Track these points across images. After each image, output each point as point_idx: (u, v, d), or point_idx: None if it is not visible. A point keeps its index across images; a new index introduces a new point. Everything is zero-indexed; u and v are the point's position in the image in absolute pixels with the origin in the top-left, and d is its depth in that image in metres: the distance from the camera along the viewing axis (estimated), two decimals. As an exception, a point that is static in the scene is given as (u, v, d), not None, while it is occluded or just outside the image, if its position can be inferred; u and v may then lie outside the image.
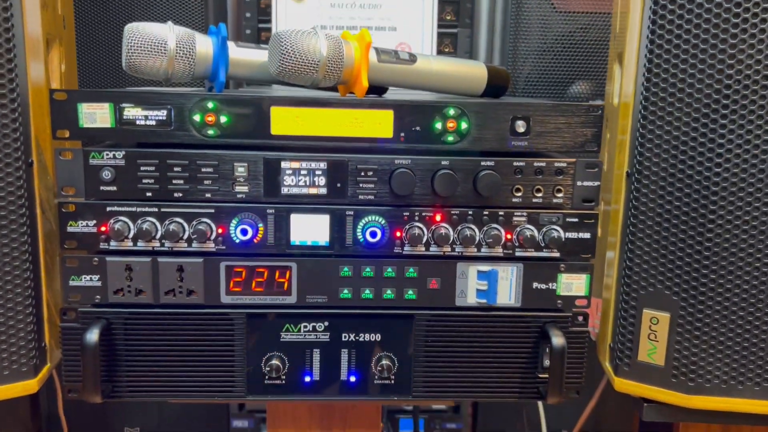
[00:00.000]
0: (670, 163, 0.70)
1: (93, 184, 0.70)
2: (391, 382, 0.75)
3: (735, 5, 0.65)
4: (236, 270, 0.72)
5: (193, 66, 0.70)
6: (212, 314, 0.73)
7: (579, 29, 1.24)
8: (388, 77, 0.75)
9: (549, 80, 1.25)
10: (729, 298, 0.70)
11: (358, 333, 0.74)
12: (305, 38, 0.68)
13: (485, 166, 0.72)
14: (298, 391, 0.75)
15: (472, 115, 0.71)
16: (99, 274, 0.71)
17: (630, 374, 0.75)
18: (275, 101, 0.70)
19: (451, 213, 0.73)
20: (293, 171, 0.71)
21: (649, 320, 0.73)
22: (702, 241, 0.69)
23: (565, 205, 0.73)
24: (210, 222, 0.71)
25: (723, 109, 0.67)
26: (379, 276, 0.73)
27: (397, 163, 0.71)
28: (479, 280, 0.74)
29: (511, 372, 0.76)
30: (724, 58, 0.66)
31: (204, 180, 0.70)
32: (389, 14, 1.33)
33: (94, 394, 0.70)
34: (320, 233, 0.72)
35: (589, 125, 0.72)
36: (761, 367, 0.72)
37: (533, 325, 0.75)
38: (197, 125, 0.69)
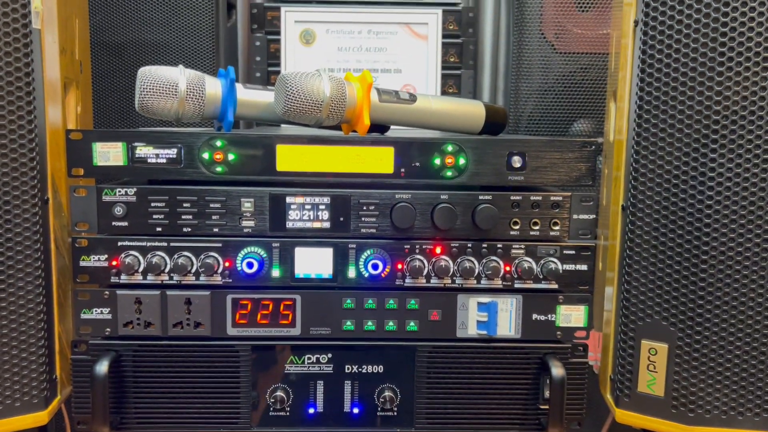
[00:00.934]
0: (664, 196, 0.72)
1: (105, 219, 0.73)
2: (394, 414, 0.76)
3: (720, 45, 0.68)
4: (242, 302, 0.74)
5: (203, 107, 0.74)
6: (219, 346, 0.74)
7: (579, 69, 1.27)
8: (389, 116, 0.78)
9: (551, 119, 1.28)
10: (726, 328, 0.71)
11: (361, 364, 0.76)
12: (309, 80, 0.72)
13: (483, 200, 0.74)
14: (302, 423, 0.76)
15: (469, 151, 0.74)
16: (109, 307, 0.73)
17: (630, 405, 0.76)
18: (281, 139, 0.73)
19: (450, 246, 0.75)
20: (298, 206, 0.73)
21: (648, 351, 0.74)
22: (697, 272, 0.71)
23: (562, 237, 0.75)
24: (217, 256, 0.73)
25: (712, 144, 0.69)
26: (381, 308, 0.75)
27: (397, 198, 0.74)
28: (479, 311, 0.76)
29: (512, 403, 0.76)
30: (711, 95, 0.69)
31: (212, 215, 0.73)
32: (394, 57, 1.38)
33: (102, 426, 0.71)
34: (324, 266, 0.74)
35: (583, 160, 0.75)
36: (760, 397, 0.72)
37: (533, 357, 0.76)
38: (206, 163, 0.73)
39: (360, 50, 1.38)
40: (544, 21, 1.28)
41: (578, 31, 1.27)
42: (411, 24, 1.36)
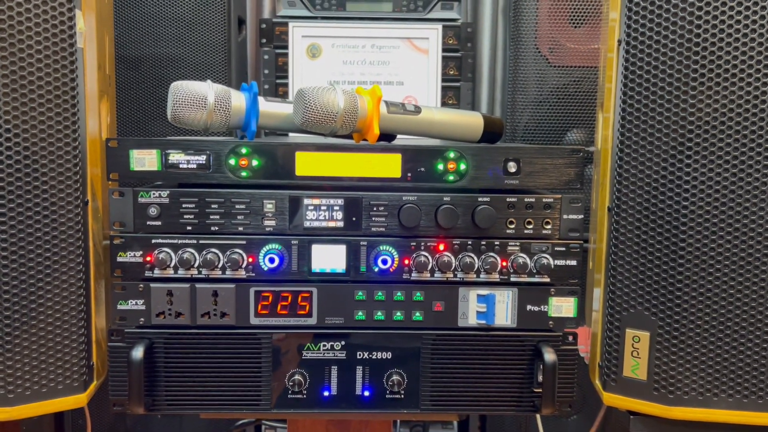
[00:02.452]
0: (645, 198, 0.80)
1: (141, 219, 0.80)
2: (401, 397, 0.84)
3: (693, 62, 0.76)
4: (264, 294, 0.81)
5: (229, 117, 0.82)
6: (242, 335, 0.82)
7: (572, 82, 1.35)
8: (396, 126, 0.86)
9: (546, 129, 1.36)
10: (701, 317, 0.79)
11: (371, 351, 0.83)
12: (325, 93, 0.80)
13: (482, 202, 0.82)
14: (317, 405, 0.83)
15: (469, 158, 0.82)
16: (143, 299, 0.81)
17: (617, 389, 0.83)
18: (299, 147, 0.81)
19: (452, 243, 0.82)
20: (314, 207, 0.81)
21: (632, 339, 0.82)
22: (675, 266, 0.79)
23: (554, 235, 0.83)
24: (242, 252, 0.81)
25: (687, 151, 0.77)
26: (390, 300, 0.82)
27: (404, 200, 0.81)
28: (479, 303, 0.83)
29: (508, 387, 0.84)
30: (686, 107, 0.77)
31: (237, 215, 0.81)
32: (397, 70, 1.46)
33: (138, 407, 0.78)
34: (338, 261, 0.82)
35: (572, 166, 0.83)
36: (733, 380, 0.80)
37: (528, 344, 0.84)
38: (232, 168, 0.80)
39: (364, 63, 1.46)
40: (539, 36, 1.36)
41: (571, 46, 1.35)
42: (412, 39, 1.44)
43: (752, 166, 0.76)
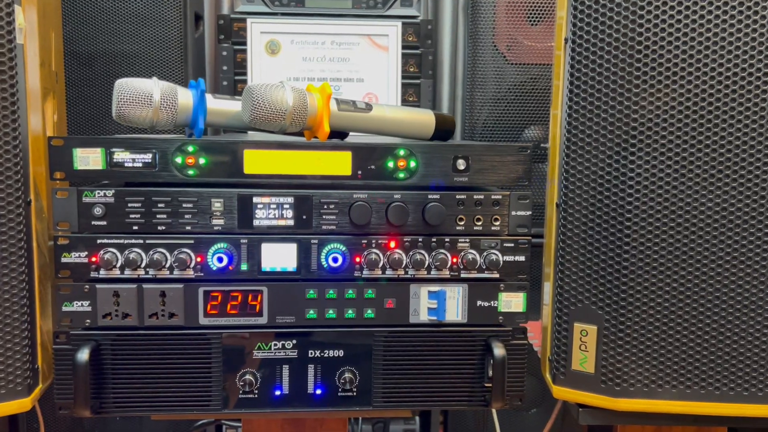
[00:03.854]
0: (591, 194, 0.81)
1: (85, 219, 0.79)
2: (354, 394, 0.84)
3: (636, 61, 0.77)
4: (213, 294, 0.81)
5: (176, 115, 0.80)
6: (191, 335, 0.81)
7: (529, 79, 1.37)
8: (347, 123, 0.86)
9: (504, 126, 1.37)
10: (646, 310, 0.81)
11: (323, 349, 0.83)
12: (273, 91, 0.79)
13: (432, 199, 0.82)
14: (269, 405, 0.83)
15: (419, 155, 0.82)
16: (89, 300, 0.79)
17: (566, 382, 0.85)
18: (247, 145, 0.80)
19: (403, 240, 0.83)
20: (264, 205, 0.80)
21: (580, 333, 0.83)
22: (620, 261, 0.80)
23: (502, 232, 0.84)
24: (190, 252, 0.80)
25: (631, 148, 0.79)
26: (341, 297, 0.82)
27: (355, 197, 0.81)
28: (430, 299, 0.84)
29: (460, 382, 0.85)
30: (630, 105, 0.78)
31: (185, 214, 0.80)
32: (357, 67, 1.45)
33: (84, 410, 0.77)
34: (288, 260, 0.81)
35: (520, 163, 0.84)
36: (677, 371, 0.82)
37: (478, 339, 0.84)
38: (179, 166, 0.79)
39: (324, 60, 1.45)
40: (497, 33, 1.37)
41: (529, 44, 1.37)
42: (372, 35, 1.44)
43: (693, 163, 0.78)
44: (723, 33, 0.76)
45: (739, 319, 0.80)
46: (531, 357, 0.90)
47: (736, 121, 0.77)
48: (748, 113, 0.77)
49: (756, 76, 0.76)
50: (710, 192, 0.78)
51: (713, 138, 0.77)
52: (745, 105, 0.77)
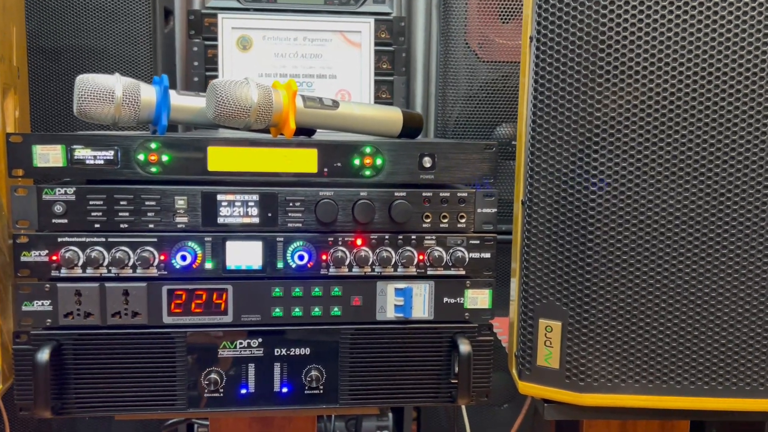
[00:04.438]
0: (555, 192, 0.82)
1: (46, 217, 0.78)
2: (320, 392, 0.84)
3: (599, 59, 0.78)
4: (177, 293, 0.80)
5: (138, 112, 0.79)
6: (155, 334, 0.80)
7: (501, 77, 1.37)
8: (313, 120, 0.85)
9: (476, 123, 1.38)
10: (609, 306, 0.82)
11: (289, 348, 0.83)
12: (238, 87, 0.78)
13: (398, 197, 0.82)
14: (235, 403, 0.82)
15: (385, 153, 0.82)
16: (50, 299, 0.78)
17: (531, 378, 0.86)
18: (211, 142, 0.79)
19: (370, 238, 0.83)
20: (228, 203, 0.80)
21: (545, 329, 0.84)
22: (584, 257, 0.81)
23: (468, 229, 0.84)
24: (153, 250, 0.79)
25: (594, 146, 0.80)
26: (308, 295, 0.82)
27: (321, 195, 0.81)
28: (396, 296, 0.84)
29: (427, 378, 0.85)
30: (593, 103, 0.79)
31: (147, 212, 0.79)
32: (329, 63, 1.45)
33: (44, 410, 0.76)
34: (254, 258, 0.81)
35: (485, 161, 0.84)
36: (639, 366, 0.83)
37: (445, 336, 0.85)
38: (141, 164, 0.78)
39: (296, 56, 1.44)
40: (469, 31, 1.38)
41: (500, 41, 1.37)
42: (345, 32, 1.44)
43: (655, 161, 0.79)
44: (684, 33, 0.77)
45: (700, 314, 0.81)
46: (501, 353, 0.91)
47: (697, 120, 0.78)
48: (708, 111, 0.78)
49: (715, 75, 0.77)
50: (672, 189, 0.79)
51: (674, 136, 0.78)
52: (705, 104, 0.78)
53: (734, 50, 0.77)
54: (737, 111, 0.78)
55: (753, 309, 0.81)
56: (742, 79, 0.77)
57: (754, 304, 0.81)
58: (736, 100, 0.78)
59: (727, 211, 0.79)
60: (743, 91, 0.77)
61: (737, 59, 0.77)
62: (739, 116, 0.78)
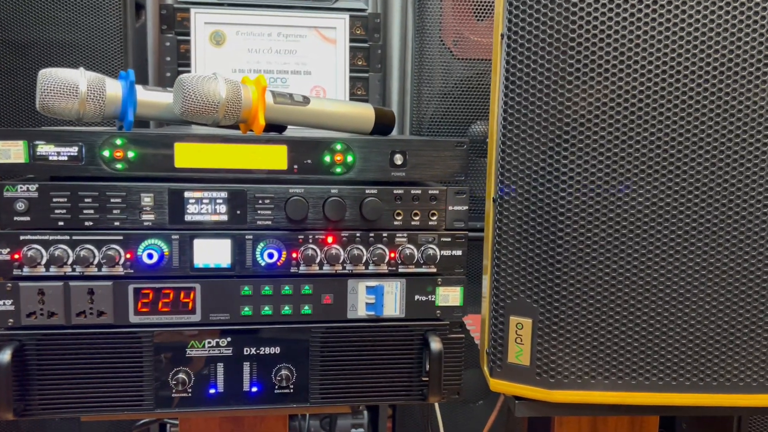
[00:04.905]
0: (526, 189, 0.82)
1: (7, 214, 0.76)
2: (291, 391, 0.83)
3: (569, 57, 0.78)
4: (144, 292, 0.78)
5: (103, 107, 0.78)
6: (121, 333, 0.79)
7: (476, 74, 1.37)
8: (284, 117, 0.84)
9: (451, 120, 1.38)
10: (579, 303, 0.82)
11: (259, 347, 0.82)
12: (206, 83, 0.77)
13: (369, 194, 0.82)
14: (203, 403, 0.81)
15: (356, 150, 0.82)
16: (12, 298, 0.76)
17: (502, 375, 0.86)
18: (178, 138, 0.78)
19: (341, 235, 0.82)
20: (196, 200, 0.79)
21: (515, 326, 0.84)
22: (554, 255, 0.81)
23: (440, 226, 0.84)
24: (119, 248, 0.77)
25: (564, 144, 0.80)
26: (278, 294, 0.81)
27: (291, 192, 0.80)
28: (368, 294, 0.83)
29: (398, 376, 0.85)
30: (563, 101, 0.79)
31: (113, 209, 0.77)
32: (304, 59, 1.44)
33: (6, 412, 0.74)
34: (222, 256, 0.80)
35: (457, 158, 0.84)
36: (609, 363, 0.83)
37: (416, 333, 0.84)
38: (106, 160, 0.77)
39: (270, 52, 1.43)
40: (444, 28, 1.37)
41: (475, 39, 1.37)
42: (320, 28, 1.43)
43: (624, 158, 0.79)
44: (653, 31, 0.77)
45: (668, 311, 0.82)
46: (474, 350, 0.91)
47: (666, 118, 0.79)
48: (676, 110, 0.78)
49: (684, 74, 0.78)
50: (640, 187, 0.80)
51: (644, 134, 0.79)
52: (674, 102, 0.78)
53: (702, 49, 0.77)
54: (705, 110, 0.78)
55: (720, 306, 0.82)
56: (710, 78, 0.78)
57: (721, 300, 0.82)
58: (704, 99, 0.78)
59: (695, 209, 0.80)
60: (711, 90, 0.78)
61: (705, 58, 0.77)
62: (707, 115, 0.78)
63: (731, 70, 0.78)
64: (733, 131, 0.79)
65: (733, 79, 0.78)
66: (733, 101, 0.78)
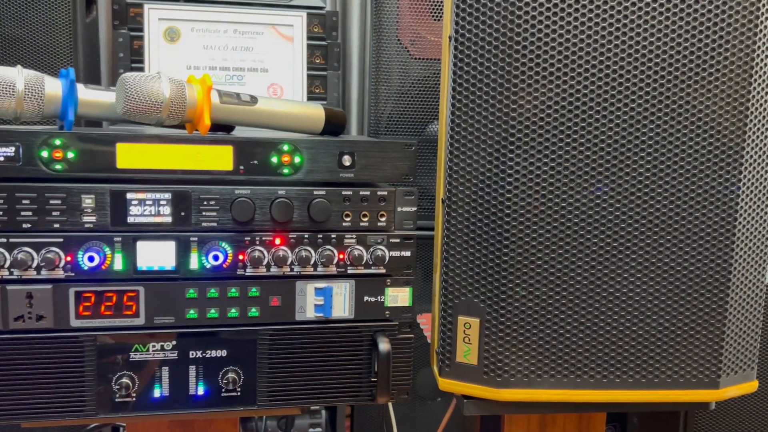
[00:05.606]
0: (473, 190, 0.83)
1: (-61, 216, 0.73)
2: (238, 394, 0.82)
3: (515, 60, 0.79)
4: (85, 295, 0.77)
5: (42, 106, 0.76)
6: (62, 338, 0.77)
7: (433, 74, 1.38)
8: (230, 116, 0.83)
9: (408, 120, 1.38)
10: (525, 303, 0.83)
11: (205, 350, 0.81)
12: (148, 82, 0.76)
13: (317, 195, 0.82)
14: (148, 408, 0.80)
15: (304, 151, 0.81)
16: (-55, 303, 0.74)
17: (451, 374, 0.86)
18: (120, 138, 0.76)
19: (289, 237, 0.82)
20: (139, 201, 0.77)
21: (464, 325, 0.85)
22: (500, 255, 0.82)
23: (389, 227, 0.84)
24: (58, 250, 0.76)
25: (510, 146, 0.81)
26: (224, 296, 0.80)
27: (237, 193, 0.79)
28: (316, 296, 0.83)
29: (348, 377, 0.85)
30: (509, 103, 0.80)
31: (52, 211, 0.75)
32: (261, 57, 1.42)
33: (-62, 421, 0.72)
34: (166, 258, 0.78)
35: (405, 159, 0.84)
36: (554, 361, 0.85)
37: (366, 334, 0.85)
38: (45, 160, 0.75)
39: (226, 49, 1.41)
40: (401, 28, 1.37)
41: (432, 38, 1.38)
42: (276, 25, 1.41)
43: (568, 160, 0.81)
44: (596, 35, 0.79)
45: (612, 310, 0.84)
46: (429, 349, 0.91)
47: (608, 120, 0.80)
48: (619, 113, 0.80)
49: (626, 78, 0.79)
50: (584, 189, 0.81)
51: (587, 136, 0.80)
52: (616, 105, 0.80)
53: (644, 53, 0.79)
54: (647, 112, 0.80)
55: (662, 304, 0.84)
56: (652, 81, 0.79)
57: (662, 299, 0.84)
58: (646, 102, 0.80)
59: (637, 210, 0.82)
60: (652, 93, 0.80)
61: (647, 62, 0.79)
62: (649, 117, 0.80)
63: (672, 74, 0.79)
64: (673, 134, 0.81)
65: (674, 83, 0.79)
66: (673, 104, 0.80)
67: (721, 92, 0.79)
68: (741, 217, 0.82)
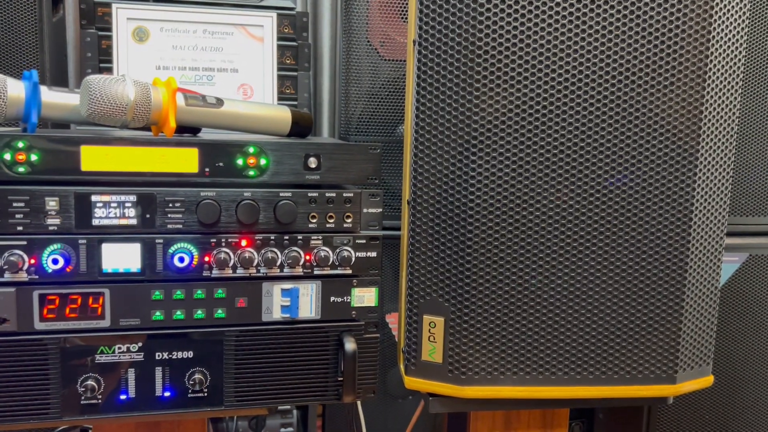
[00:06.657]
0: (437, 192, 0.84)
1: None
2: (205, 395, 0.83)
3: (477, 65, 0.81)
4: (49, 298, 0.77)
5: (5, 108, 0.76)
6: (25, 341, 0.77)
7: (403, 76, 1.39)
8: (196, 119, 0.84)
9: (378, 121, 1.39)
10: (488, 302, 0.85)
11: (171, 351, 0.81)
12: (113, 84, 0.76)
13: (283, 197, 0.82)
14: (114, 410, 0.80)
15: (270, 153, 0.82)
16: None
17: (416, 372, 0.88)
18: (85, 140, 0.76)
19: (255, 238, 0.82)
20: (104, 204, 0.77)
21: (429, 324, 0.87)
22: (464, 255, 0.84)
23: (354, 229, 0.85)
24: (22, 253, 0.75)
25: (473, 148, 0.82)
26: (190, 298, 0.81)
27: (202, 195, 0.80)
28: (283, 297, 0.84)
29: (314, 377, 0.86)
30: (471, 107, 0.82)
31: (15, 214, 0.75)
32: (231, 57, 1.42)
33: None
34: (132, 261, 0.79)
35: (370, 162, 0.85)
36: (517, 359, 0.87)
37: (332, 334, 0.86)
38: (7, 163, 0.75)
39: (196, 49, 1.41)
40: (371, 29, 1.38)
41: (402, 40, 1.39)
42: (246, 26, 1.41)
43: (529, 162, 0.83)
44: (555, 41, 0.81)
45: (572, 308, 0.86)
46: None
47: (567, 124, 0.82)
48: (577, 116, 0.82)
49: (585, 82, 0.81)
50: (544, 190, 0.83)
51: (547, 140, 0.82)
52: (575, 109, 0.82)
53: (602, 58, 0.81)
54: (604, 116, 0.82)
55: (620, 302, 0.86)
56: (608, 86, 0.82)
57: (621, 297, 0.86)
58: (604, 106, 0.82)
59: (596, 210, 0.84)
60: (609, 97, 0.82)
61: (603, 66, 0.81)
62: (606, 120, 0.83)
63: (628, 79, 0.82)
64: (630, 137, 0.83)
65: (630, 88, 0.82)
66: (630, 108, 0.82)
67: (676, 96, 0.82)
68: (696, 218, 0.85)
